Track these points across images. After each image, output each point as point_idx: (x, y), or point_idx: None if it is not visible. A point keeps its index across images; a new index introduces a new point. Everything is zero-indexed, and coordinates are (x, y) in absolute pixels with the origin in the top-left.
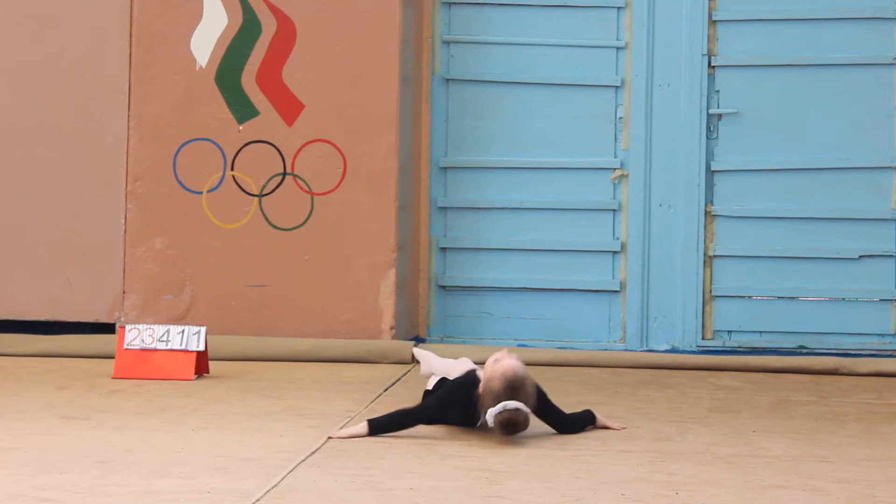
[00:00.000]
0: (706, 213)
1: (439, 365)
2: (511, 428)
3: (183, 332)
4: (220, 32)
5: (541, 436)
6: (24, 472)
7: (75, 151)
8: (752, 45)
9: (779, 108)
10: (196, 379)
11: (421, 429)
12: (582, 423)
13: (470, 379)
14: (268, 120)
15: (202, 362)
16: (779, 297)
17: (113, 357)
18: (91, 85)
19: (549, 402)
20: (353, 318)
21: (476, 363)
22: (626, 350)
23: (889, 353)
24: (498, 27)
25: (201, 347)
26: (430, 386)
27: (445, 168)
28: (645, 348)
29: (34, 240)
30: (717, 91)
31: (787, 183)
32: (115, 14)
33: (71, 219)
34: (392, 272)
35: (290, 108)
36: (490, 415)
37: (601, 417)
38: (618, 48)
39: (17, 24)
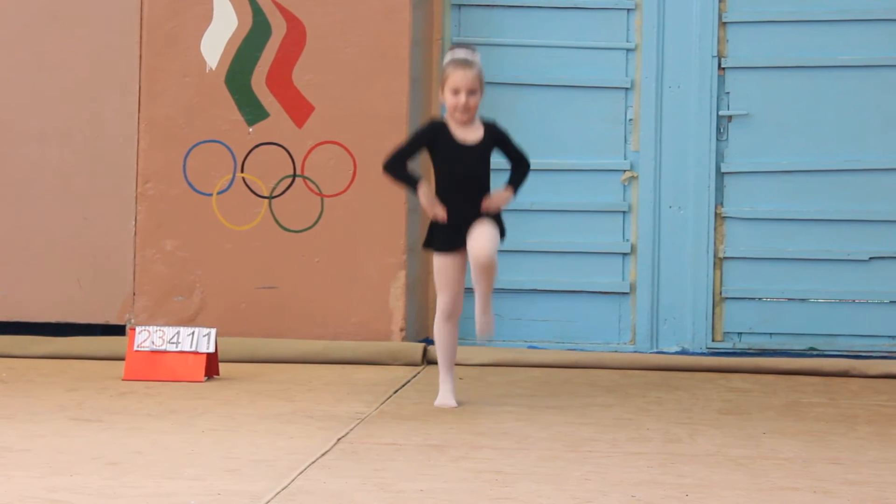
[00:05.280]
0: (716, 214)
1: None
2: (462, 52)
3: (193, 333)
4: (230, 34)
5: (551, 438)
6: (35, 474)
7: (85, 153)
8: (762, 47)
9: (789, 109)
10: (206, 381)
11: (431, 432)
12: (525, 171)
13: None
14: (278, 122)
15: (212, 364)
16: (789, 299)
17: (123, 359)
18: (101, 87)
19: (511, 138)
20: (364, 319)
21: (484, 364)
22: (635, 352)
23: None
24: (507, 29)
25: (211, 349)
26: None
27: None
28: (655, 350)
29: (44, 241)
30: (728, 93)
31: (798, 184)
32: (125, 16)
33: (81, 220)
34: (402, 274)
35: (299, 110)
36: (445, 61)
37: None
38: (628, 50)
39: (27, 26)
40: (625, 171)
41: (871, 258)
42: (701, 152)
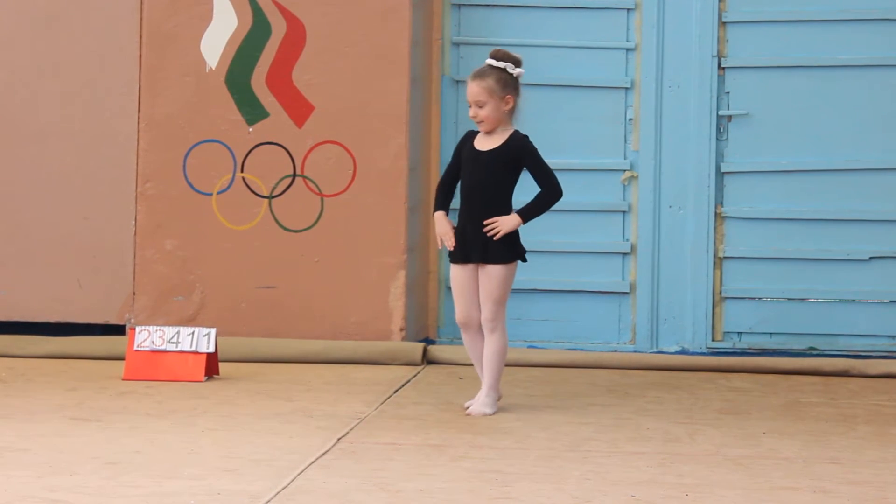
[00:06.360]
0: (716, 214)
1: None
2: (493, 59)
3: (193, 333)
4: (230, 34)
5: (550, 438)
6: (35, 474)
7: (85, 153)
8: (762, 47)
9: (789, 109)
10: (206, 380)
11: (431, 431)
12: (544, 198)
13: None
14: (278, 122)
15: (212, 364)
16: (789, 299)
17: (123, 359)
18: (101, 87)
19: (539, 157)
20: (363, 319)
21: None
22: (635, 352)
23: None
24: (507, 29)
25: (211, 349)
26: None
27: None
28: (655, 350)
29: (44, 241)
30: (727, 92)
31: (798, 184)
32: (125, 16)
33: (81, 220)
34: (402, 274)
35: (299, 109)
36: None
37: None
38: (627, 50)
39: (27, 25)
40: (625, 170)
41: (871, 258)
42: (701, 152)
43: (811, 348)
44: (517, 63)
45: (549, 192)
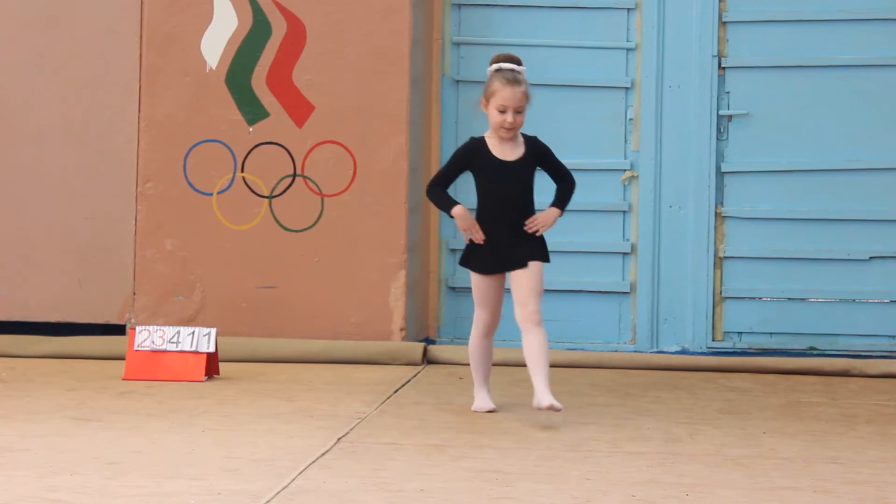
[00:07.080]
0: (716, 214)
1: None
2: (510, 63)
3: (193, 333)
4: (230, 34)
5: (551, 438)
6: (35, 474)
7: (85, 153)
8: (762, 47)
9: (789, 109)
10: (206, 380)
11: (431, 431)
12: (569, 189)
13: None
14: (278, 121)
15: (212, 364)
16: (789, 299)
17: (123, 358)
18: (101, 87)
19: (552, 154)
20: (364, 319)
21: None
22: (636, 351)
23: None
24: (507, 29)
25: (211, 349)
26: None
27: None
28: (655, 350)
29: (44, 241)
30: (728, 92)
31: (798, 184)
32: (125, 16)
33: (81, 220)
34: (402, 273)
35: (300, 109)
36: (490, 71)
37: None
38: (628, 49)
39: (27, 26)
40: (625, 170)
41: (871, 258)
42: (701, 152)
43: (811, 348)
44: None
45: (571, 182)
